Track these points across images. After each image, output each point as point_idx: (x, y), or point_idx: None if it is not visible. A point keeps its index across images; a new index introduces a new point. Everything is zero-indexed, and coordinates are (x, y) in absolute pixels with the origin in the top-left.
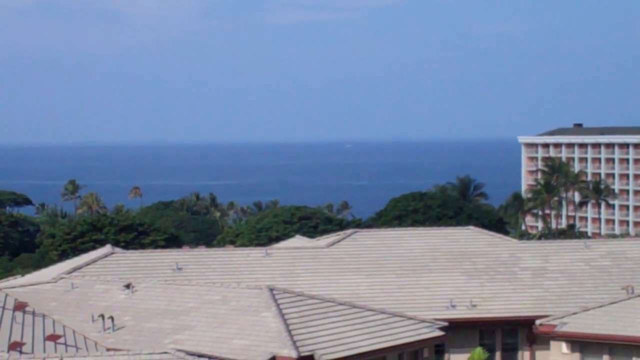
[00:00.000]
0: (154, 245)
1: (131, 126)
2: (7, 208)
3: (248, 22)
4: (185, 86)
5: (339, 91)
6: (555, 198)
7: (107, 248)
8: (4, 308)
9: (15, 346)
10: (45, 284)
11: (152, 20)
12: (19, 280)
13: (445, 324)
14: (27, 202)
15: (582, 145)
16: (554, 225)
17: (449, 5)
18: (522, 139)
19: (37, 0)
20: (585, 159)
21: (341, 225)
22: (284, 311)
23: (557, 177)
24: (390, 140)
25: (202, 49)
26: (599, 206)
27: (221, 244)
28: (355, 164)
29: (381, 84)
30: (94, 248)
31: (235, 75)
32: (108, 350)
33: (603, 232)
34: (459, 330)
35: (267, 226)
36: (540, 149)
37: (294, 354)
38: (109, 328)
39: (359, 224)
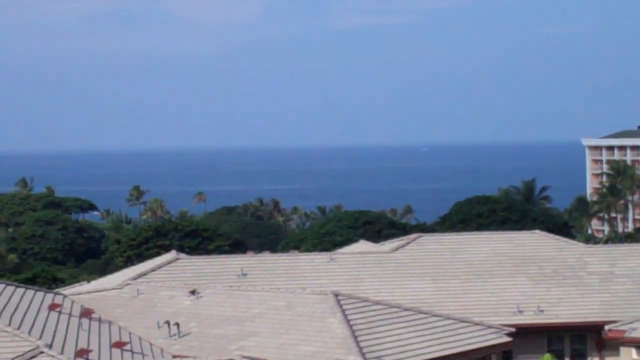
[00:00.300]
0: (219, 250)
1: (195, 131)
2: (73, 214)
3: (311, 27)
4: (249, 90)
5: (411, 95)
6: (621, 201)
7: (172, 254)
8: (70, 315)
9: (82, 353)
10: (110, 291)
11: (217, 27)
12: (85, 286)
13: (513, 329)
14: (93, 208)
15: None
16: (620, 229)
17: (511, 7)
18: (586, 142)
19: (105, 8)
20: None
21: (405, 230)
22: (349, 317)
23: (622, 179)
24: (462, 142)
25: (266, 54)
26: None
27: (285, 249)
28: (422, 166)
29: (448, 87)
30: (158, 254)
31: (301, 81)
32: (174, 357)
33: None
34: (527, 336)
35: (331, 231)
36: (604, 152)
37: None
38: (174, 334)
39: (423, 229)
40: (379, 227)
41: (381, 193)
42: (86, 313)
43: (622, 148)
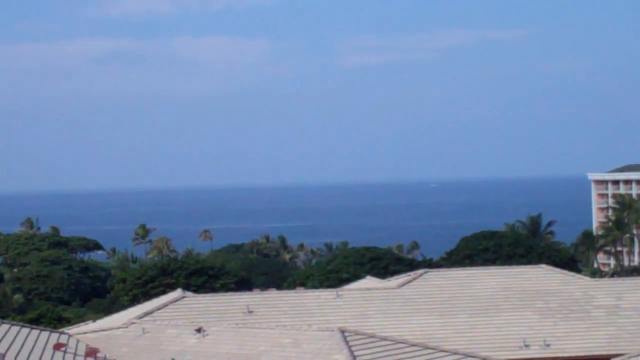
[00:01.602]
0: (225, 288)
1: (201, 170)
2: (78, 254)
3: (318, 65)
4: (256, 130)
5: (419, 132)
6: (627, 235)
7: (178, 292)
8: (75, 354)
9: None
10: (116, 329)
11: (224, 66)
12: (90, 325)
13: None
14: (98, 247)
15: None
16: (626, 262)
17: (515, 45)
18: (592, 176)
19: (113, 50)
20: None
21: (412, 266)
22: (355, 353)
23: (628, 213)
24: (470, 178)
25: (273, 93)
26: None
27: (291, 286)
28: (430, 203)
29: (456, 124)
30: (164, 292)
31: (307, 119)
32: None
33: None
34: None
35: (338, 267)
36: (610, 186)
37: None
38: None
39: (430, 264)
40: (386, 263)
41: (388, 229)
42: (91, 352)
43: (627, 182)
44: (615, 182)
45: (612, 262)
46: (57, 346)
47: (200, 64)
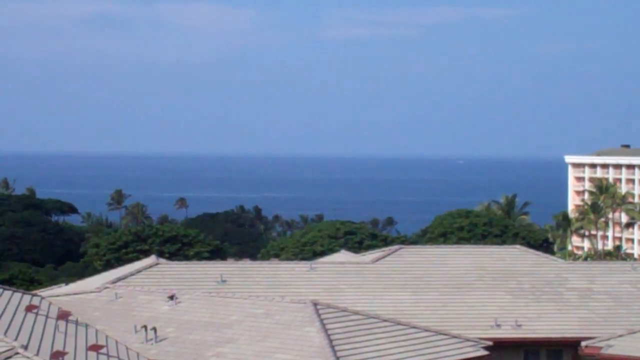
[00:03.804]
0: (199, 257)
1: (181, 137)
2: (53, 216)
3: (304, 36)
4: (238, 98)
5: (399, 108)
6: (602, 219)
7: (152, 259)
8: (47, 317)
9: (57, 355)
10: (89, 294)
11: (211, 34)
12: (63, 289)
13: (490, 343)
14: (73, 210)
15: (630, 167)
16: (600, 246)
17: (500, 25)
18: (570, 159)
19: (99, 12)
20: (633, 180)
21: (386, 242)
22: (327, 326)
23: (604, 198)
24: (446, 156)
25: (258, 62)
26: None
27: (265, 257)
28: (408, 179)
29: (432, 101)
30: (138, 258)
31: (291, 89)
32: None
33: None
34: (504, 350)
35: (312, 240)
36: (587, 169)
37: None
38: (151, 339)
39: (404, 241)
40: (360, 237)
41: (363, 204)
42: (63, 315)
43: (604, 166)
44: (593, 166)
45: (587, 245)
46: (29, 308)
47: (186, 30)
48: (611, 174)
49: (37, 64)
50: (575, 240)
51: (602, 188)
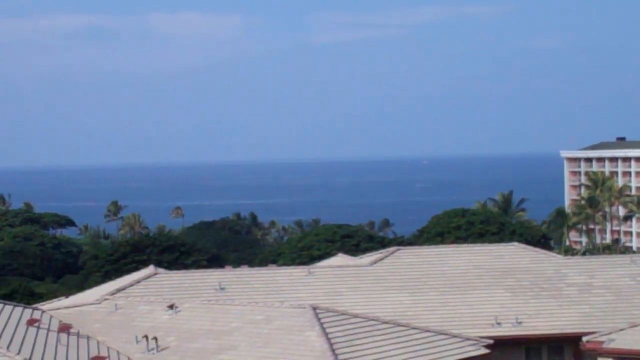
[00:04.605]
0: (197, 265)
1: (172, 147)
2: (51, 230)
3: (291, 42)
4: (229, 106)
5: (390, 109)
6: (600, 213)
7: (151, 269)
8: (49, 330)
9: None
10: (89, 306)
11: (196, 42)
12: (63, 302)
13: (491, 341)
14: (71, 223)
15: (626, 159)
16: (598, 241)
17: (490, 22)
18: (565, 154)
19: (87, 26)
20: (629, 173)
21: (383, 244)
22: (327, 330)
23: (600, 191)
24: (441, 156)
25: (246, 69)
26: None
27: (263, 263)
28: (401, 180)
29: (426, 101)
30: (136, 269)
31: (281, 95)
32: None
33: None
34: (505, 348)
35: (309, 245)
36: (583, 164)
37: None
38: (153, 349)
39: (401, 242)
40: (357, 240)
41: (359, 207)
42: (65, 328)
43: (600, 160)
44: (589, 160)
45: (585, 240)
46: (31, 322)
47: (174, 40)
48: (607, 168)
49: (27, 79)
50: (573, 235)
51: (599, 182)
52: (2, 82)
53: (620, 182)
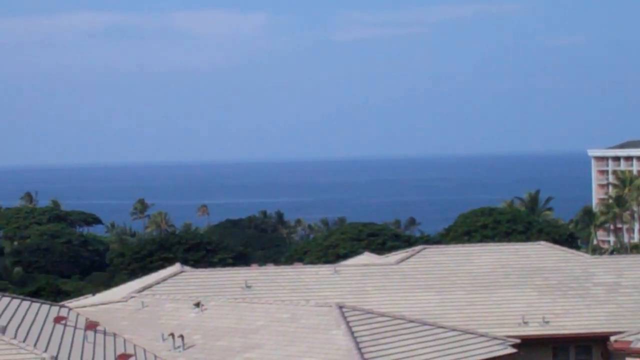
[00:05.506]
0: (223, 263)
1: (199, 145)
2: (77, 228)
3: (315, 40)
4: (254, 104)
5: (415, 105)
6: (627, 212)
7: (177, 267)
8: (75, 327)
9: None
10: (115, 303)
11: (220, 40)
12: (90, 299)
13: (518, 341)
14: (97, 221)
15: None
16: (626, 240)
17: (514, 18)
18: (592, 152)
19: (109, 24)
20: None
21: (409, 242)
22: (353, 329)
23: (628, 190)
24: (469, 154)
25: (270, 67)
26: None
27: (289, 261)
28: (428, 178)
29: (454, 98)
30: (162, 267)
31: (303, 93)
32: None
33: None
34: (532, 348)
35: (335, 243)
36: (610, 162)
37: None
38: (179, 347)
39: (427, 240)
40: (383, 239)
41: (385, 205)
42: (91, 326)
43: (628, 158)
44: (616, 159)
45: (612, 239)
46: (58, 319)
47: (197, 38)
48: (635, 166)
49: (52, 77)
50: (601, 234)
51: (627, 180)
52: (27, 79)
53: None
